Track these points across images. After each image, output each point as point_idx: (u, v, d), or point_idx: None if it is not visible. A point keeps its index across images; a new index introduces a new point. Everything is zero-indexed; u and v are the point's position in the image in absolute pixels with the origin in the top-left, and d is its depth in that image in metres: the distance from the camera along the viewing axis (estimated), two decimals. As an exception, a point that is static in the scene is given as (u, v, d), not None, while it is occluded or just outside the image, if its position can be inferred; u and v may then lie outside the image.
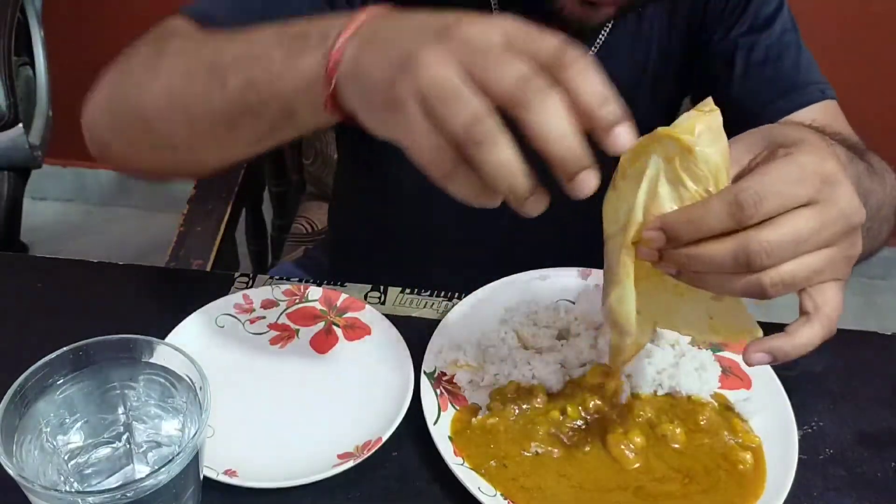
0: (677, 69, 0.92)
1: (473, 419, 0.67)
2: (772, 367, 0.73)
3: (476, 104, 0.48)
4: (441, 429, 0.66)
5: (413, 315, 0.79)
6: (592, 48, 0.89)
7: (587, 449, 0.66)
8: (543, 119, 0.47)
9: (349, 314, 0.76)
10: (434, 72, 0.49)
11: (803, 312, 0.58)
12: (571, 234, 0.84)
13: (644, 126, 0.97)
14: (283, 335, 0.75)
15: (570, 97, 0.48)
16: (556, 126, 0.47)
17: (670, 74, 0.92)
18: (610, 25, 0.88)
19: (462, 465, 0.63)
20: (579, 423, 0.67)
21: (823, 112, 0.83)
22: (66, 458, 0.54)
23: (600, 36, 0.89)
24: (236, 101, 0.64)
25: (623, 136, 0.49)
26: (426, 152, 0.49)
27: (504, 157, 0.47)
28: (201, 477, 0.56)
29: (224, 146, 0.69)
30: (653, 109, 0.93)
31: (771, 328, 0.79)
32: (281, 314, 0.77)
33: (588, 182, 0.48)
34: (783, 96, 0.85)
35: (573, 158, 0.48)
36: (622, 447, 0.65)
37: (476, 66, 0.48)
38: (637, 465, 0.65)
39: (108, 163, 0.78)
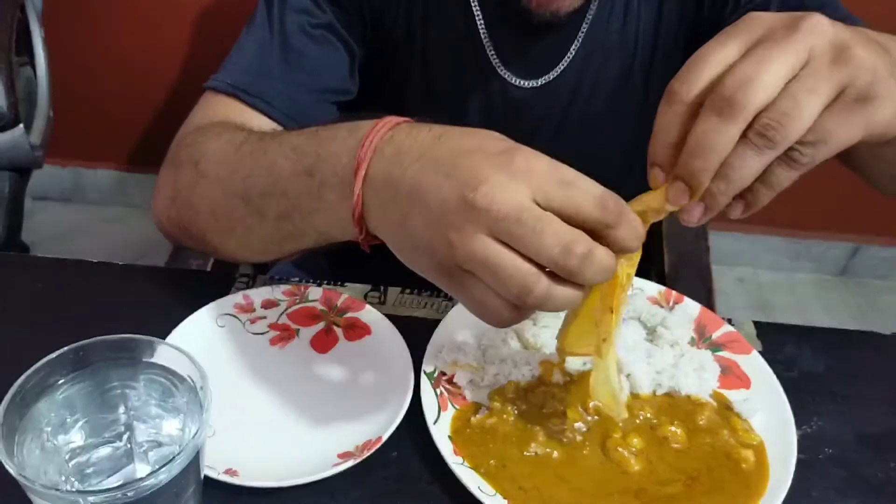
0: (671, 59, 0.91)
1: (473, 418, 0.67)
2: (772, 367, 0.73)
3: (523, 272, 0.50)
4: (441, 428, 0.66)
5: (413, 315, 0.79)
6: (574, 45, 0.90)
7: (586, 452, 0.66)
8: (589, 277, 0.51)
9: (349, 314, 0.76)
10: (468, 250, 0.51)
11: None
12: None
13: (636, 115, 0.97)
14: (284, 335, 0.75)
15: (616, 247, 0.52)
16: (601, 279, 0.52)
17: (662, 65, 0.92)
18: (590, 20, 0.88)
19: (462, 464, 0.63)
20: (579, 424, 0.67)
21: None
22: (66, 457, 0.54)
23: (581, 32, 0.89)
24: (277, 231, 0.67)
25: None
26: (485, 311, 0.53)
27: (562, 300, 0.52)
28: (202, 476, 0.56)
29: (276, 255, 0.72)
30: (644, 100, 0.94)
31: (771, 328, 0.80)
32: (281, 314, 0.77)
33: None
34: None
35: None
36: (621, 450, 0.65)
37: (511, 236, 0.50)
38: (638, 467, 0.65)
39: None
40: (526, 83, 0.92)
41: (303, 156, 0.63)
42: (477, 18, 0.89)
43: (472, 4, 0.88)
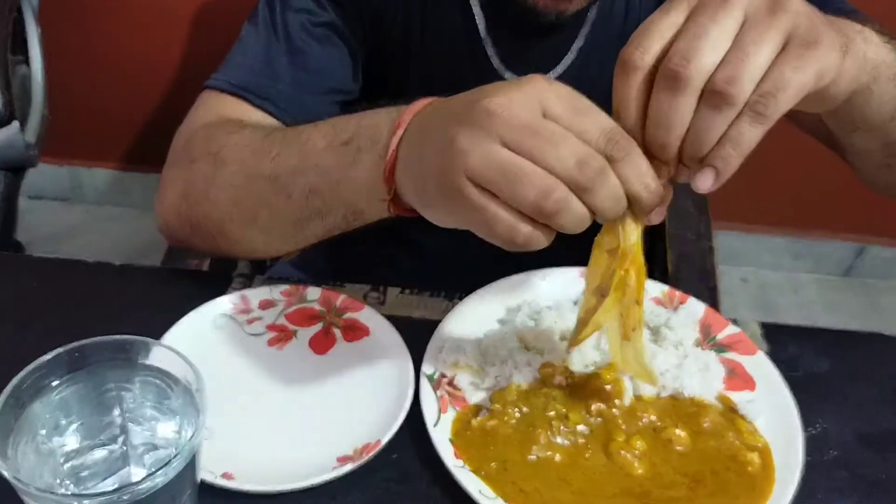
0: None
1: (473, 421, 0.67)
2: (776, 367, 0.72)
3: (541, 177, 0.50)
4: (441, 431, 0.65)
5: (413, 315, 0.78)
6: (575, 42, 0.89)
7: (588, 454, 0.65)
8: (601, 201, 0.51)
9: (348, 315, 0.76)
10: (480, 154, 0.51)
11: None
12: (573, 234, 0.84)
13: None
14: (282, 336, 0.75)
15: (624, 186, 0.52)
16: (611, 209, 0.52)
17: None
18: (591, 20, 0.88)
19: (462, 467, 0.63)
20: (582, 427, 0.66)
21: None
22: (61, 460, 0.54)
23: (581, 33, 0.89)
24: (303, 209, 0.68)
25: (657, 216, 0.55)
26: (498, 229, 0.52)
27: (579, 216, 0.51)
28: (198, 480, 0.55)
29: (297, 241, 0.73)
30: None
31: (774, 329, 0.79)
32: (279, 315, 0.76)
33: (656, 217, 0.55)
34: None
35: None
36: (624, 453, 0.65)
37: (523, 146, 0.50)
38: (642, 470, 0.64)
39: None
40: None
41: (342, 130, 0.65)
42: (477, 19, 0.89)
43: (472, 5, 0.88)
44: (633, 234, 0.56)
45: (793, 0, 0.51)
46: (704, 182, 0.52)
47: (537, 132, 0.51)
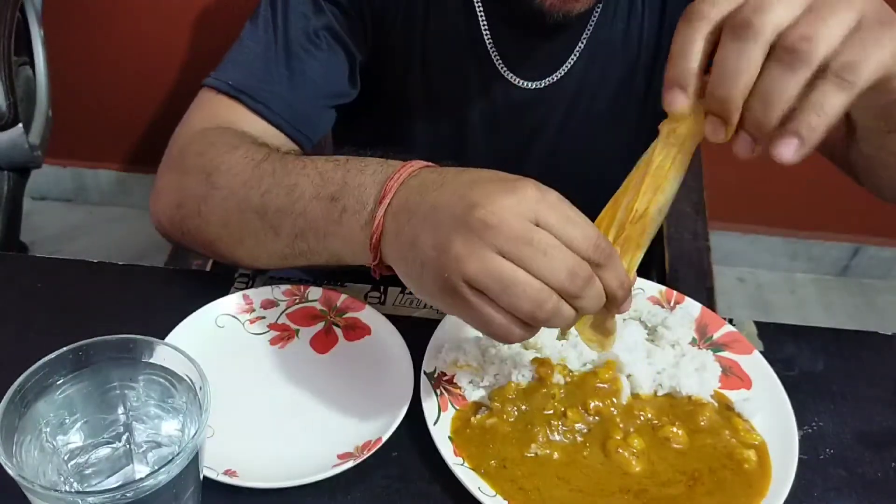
0: None
1: (473, 419, 0.67)
2: (772, 367, 0.73)
3: (536, 289, 0.53)
4: (441, 429, 0.66)
5: (413, 315, 0.79)
6: (578, 47, 0.89)
7: (586, 453, 0.65)
8: (587, 304, 0.55)
9: (349, 314, 0.76)
10: (477, 263, 0.53)
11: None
12: None
13: (638, 116, 0.97)
14: (283, 335, 0.75)
15: (604, 284, 0.56)
16: (594, 307, 0.56)
17: (665, 66, 0.92)
18: (594, 21, 0.88)
19: (462, 465, 0.63)
20: (580, 425, 0.67)
21: None
22: (65, 458, 0.54)
23: (584, 34, 0.89)
24: (289, 247, 0.69)
25: (626, 308, 0.59)
26: (493, 329, 0.55)
27: (567, 318, 0.55)
28: (201, 477, 0.55)
29: (283, 266, 0.74)
30: (646, 100, 0.93)
31: (771, 328, 0.80)
32: (281, 314, 0.77)
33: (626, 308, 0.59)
34: None
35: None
36: (622, 451, 0.65)
37: (519, 258, 0.53)
38: (639, 468, 0.65)
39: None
40: (529, 84, 0.92)
41: (328, 182, 0.65)
42: (480, 19, 0.88)
43: (476, 5, 0.88)
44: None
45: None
46: (787, 150, 0.50)
47: (530, 243, 0.53)
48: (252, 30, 0.86)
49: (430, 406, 0.67)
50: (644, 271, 1.14)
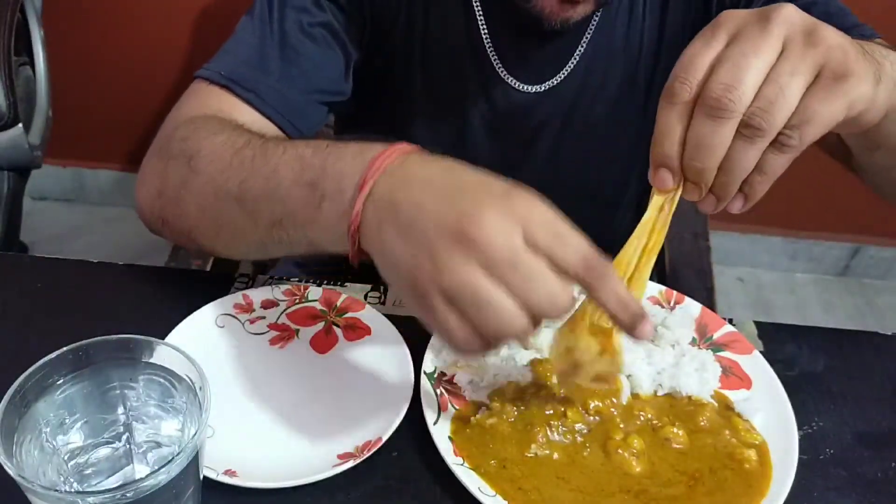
0: (674, 63, 0.92)
1: (473, 419, 0.67)
2: (772, 367, 0.73)
3: (507, 313, 0.52)
4: (441, 429, 0.66)
5: (413, 315, 0.78)
6: (578, 51, 0.89)
7: (586, 453, 0.65)
8: None
9: (349, 314, 0.76)
10: (454, 276, 0.52)
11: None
12: None
13: (638, 119, 0.97)
14: (283, 335, 0.75)
15: (598, 304, 0.54)
16: None
17: (665, 70, 0.92)
18: (594, 25, 0.88)
19: (462, 465, 0.63)
20: (580, 425, 0.67)
21: None
22: (65, 458, 0.54)
23: (585, 38, 0.89)
24: (268, 235, 0.67)
25: (644, 331, 0.55)
26: (454, 340, 0.54)
27: (529, 344, 0.56)
28: (201, 477, 0.55)
29: (260, 256, 0.74)
30: (647, 104, 0.93)
31: (771, 328, 0.80)
32: (281, 314, 0.77)
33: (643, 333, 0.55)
34: None
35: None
36: (622, 452, 0.65)
37: (502, 278, 0.52)
38: (640, 468, 0.65)
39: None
40: (529, 88, 0.91)
41: (307, 168, 0.63)
42: (479, 23, 0.88)
43: (475, 9, 0.88)
44: None
45: (828, 32, 0.53)
46: (734, 206, 0.56)
47: (515, 267, 0.51)
48: (248, 22, 0.86)
49: (430, 406, 0.67)
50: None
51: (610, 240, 0.59)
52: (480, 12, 0.88)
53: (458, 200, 0.54)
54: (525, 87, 0.91)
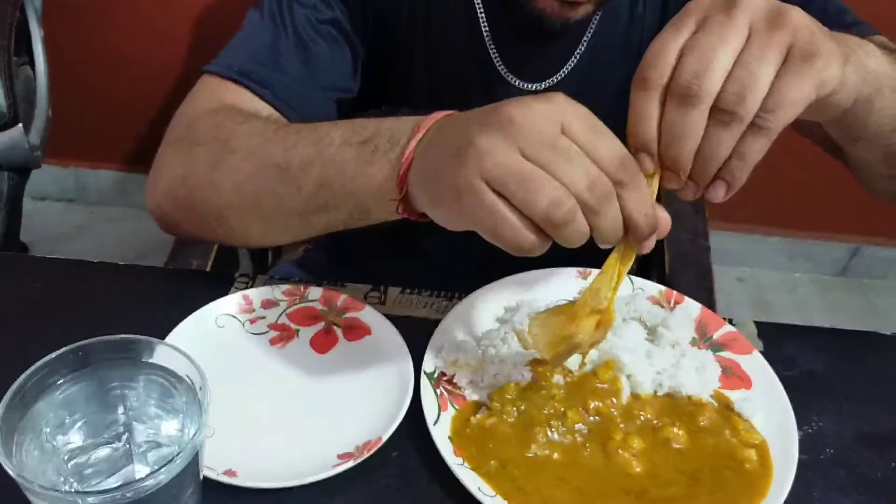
0: None
1: (473, 419, 0.67)
2: (772, 366, 0.73)
3: (555, 189, 0.52)
4: (441, 429, 0.66)
5: (413, 315, 0.79)
6: (579, 49, 0.90)
7: (586, 453, 0.65)
8: (604, 224, 0.54)
9: (349, 314, 0.76)
10: (497, 157, 0.52)
11: None
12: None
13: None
14: (283, 335, 0.75)
15: (624, 212, 0.54)
16: (611, 233, 0.54)
17: None
18: (595, 24, 0.88)
19: (462, 465, 0.63)
20: (580, 425, 0.67)
21: None
22: (65, 458, 0.54)
23: (586, 36, 0.89)
24: (311, 201, 0.68)
25: (651, 244, 0.57)
26: (505, 233, 0.53)
27: (581, 232, 0.53)
28: (201, 477, 0.56)
29: (296, 233, 0.74)
30: None
31: (771, 328, 0.80)
32: (281, 314, 0.77)
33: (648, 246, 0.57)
34: None
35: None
36: (622, 452, 0.65)
37: (541, 159, 0.52)
38: (640, 468, 0.65)
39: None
40: (530, 86, 0.92)
41: (361, 129, 0.66)
42: (481, 22, 0.89)
43: (477, 8, 0.88)
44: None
45: (793, 14, 0.53)
46: (717, 194, 0.56)
47: (555, 146, 0.52)
48: (257, 17, 0.86)
49: (430, 406, 0.67)
50: (644, 271, 1.14)
51: None
52: (482, 10, 0.88)
53: (500, 103, 0.55)
54: (526, 86, 0.92)
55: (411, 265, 1.00)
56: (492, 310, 0.77)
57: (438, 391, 0.69)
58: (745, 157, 0.54)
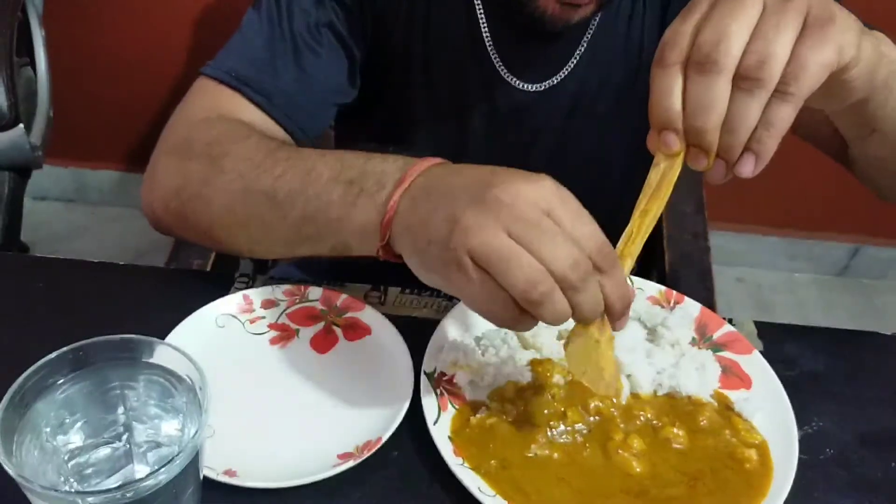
0: None
1: (473, 419, 0.67)
2: (772, 366, 0.73)
3: (534, 268, 0.54)
4: (441, 429, 0.66)
5: (413, 315, 0.79)
6: (579, 49, 0.90)
7: (587, 453, 0.65)
8: (585, 300, 0.56)
9: (349, 314, 0.76)
10: (484, 236, 0.54)
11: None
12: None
13: (639, 118, 0.97)
14: (283, 335, 0.75)
15: (603, 292, 0.56)
16: (591, 309, 0.56)
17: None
18: (595, 25, 0.88)
19: (462, 465, 0.63)
20: (580, 425, 0.67)
21: None
22: (65, 458, 0.54)
23: (586, 37, 0.89)
24: (296, 231, 0.69)
25: (623, 323, 0.59)
26: (485, 304, 0.56)
27: (560, 309, 0.55)
28: (201, 477, 0.55)
29: (283, 255, 0.75)
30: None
31: (771, 328, 0.80)
32: (281, 314, 0.77)
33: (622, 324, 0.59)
34: None
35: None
36: (622, 452, 0.65)
37: (525, 238, 0.54)
38: (640, 469, 0.65)
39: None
40: (530, 87, 0.92)
41: (348, 167, 0.67)
42: (480, 21, 0.88)
43: (477, 8, 0.88)
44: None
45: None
46: (746, 167, 0.55)
47: (539, 227, 0.54)
48: (255, 20, 0.86)
49: (430, 406, 0.67)
50: (644, 271, 1.14)
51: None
52: (481, 10, 0.88)
53: (490, 177, 0.57)
54: (526, 86, 0.91)
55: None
56: (492, 310, 0.77)
57: (438, 391, 0.69)
58: (773, 125, 0.53)
